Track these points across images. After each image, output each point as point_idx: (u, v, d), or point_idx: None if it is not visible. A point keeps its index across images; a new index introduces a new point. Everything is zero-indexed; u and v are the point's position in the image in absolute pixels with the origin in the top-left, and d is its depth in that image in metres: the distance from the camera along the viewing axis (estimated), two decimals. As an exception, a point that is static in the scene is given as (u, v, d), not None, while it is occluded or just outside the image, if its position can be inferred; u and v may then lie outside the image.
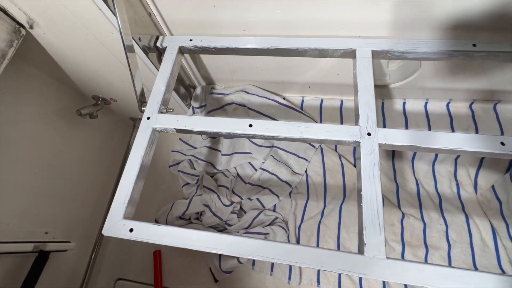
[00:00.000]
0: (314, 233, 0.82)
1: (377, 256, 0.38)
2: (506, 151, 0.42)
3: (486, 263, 0.74)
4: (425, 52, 0.52)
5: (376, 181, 0.42)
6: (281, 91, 0.87)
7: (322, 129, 0.47)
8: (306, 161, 0.91)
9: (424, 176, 0.85)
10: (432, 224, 0.79)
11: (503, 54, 0.50)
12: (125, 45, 0.48)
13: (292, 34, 0.59)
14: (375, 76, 0.72)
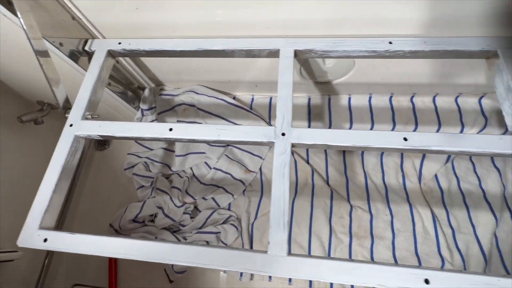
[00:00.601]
0: (267, 229, 0.83)
1: (278, 254, 0.39)
2: (408, 146, 0.44)
3: (427, 250, 0.77)
4: (345, 50, 0.53)
5: (285, 181, 0.43)
6: (231, 90, 0.87)
7: (239, 130, 0.48)
8: (261, 158, 0.92)
9: (373, 168, 0.87)
10: (379, 215, 0.82)
11: (420, 53, 0.52)
12: (35, 50, 0.47)
13: (221, 35, 0.59)
14: (316, 73, 0.74)
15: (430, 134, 0.44)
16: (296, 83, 0.79)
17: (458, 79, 0.73)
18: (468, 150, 0.43)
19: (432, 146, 0.43)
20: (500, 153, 0.42)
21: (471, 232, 0.78)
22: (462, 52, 0.51)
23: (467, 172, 0.84)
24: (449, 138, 0.43)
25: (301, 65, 0.70)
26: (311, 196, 0.86)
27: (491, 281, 0.35)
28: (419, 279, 0.36)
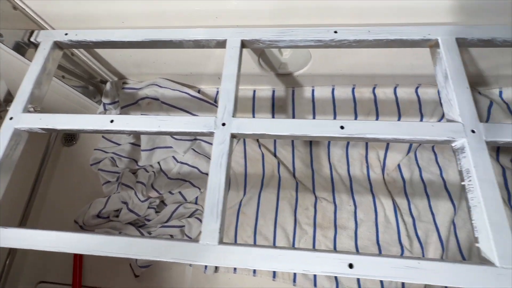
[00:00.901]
0: (233, 222, 0.84)
1: (210, 243, 0.39)
2: (344, 134, 0.44)
3: (388, 239, 0.79)
4: (292, 40, 0.53)
5: (222, 171, 0.43)
6: (195, 83, 0.87)
7: (179, 121, 0.47)
8: (228, 152, 0.92)
9: (338, 160, 0.88)
10: (343, 205, 0.83)
11: (364, 42, 0.52)
12: (-34, 42, 0.46)
13: (170, 26, 0.58)
14: (275, 65, 0.74)
15: (366, 122, 0.44)
16: (258, 75, 0.80)
17: (417, 69, 0.73)
18: (402, 137, 0.43)
19: (367, 134, 0.43)
20: (431, 139, 0.43)
21: (430, 220, 0.79)
22: (405, 41, 0.51)
23: (429, 162, 0.86)
24: (384, 126, 0.44)
25: (258, 56, 0.69)
26: (277, 189, 0.87)
27: (411, 263, 0.36)
28: (343, 264, 0.36)
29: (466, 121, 0.43)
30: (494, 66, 0.69)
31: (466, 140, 0.42)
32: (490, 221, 0.37)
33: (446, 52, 0.48)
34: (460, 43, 0.50)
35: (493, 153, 0.85)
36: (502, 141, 0.41)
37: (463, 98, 0.45)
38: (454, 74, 0.46)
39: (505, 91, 0.77)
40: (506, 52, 0.63)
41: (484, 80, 0.75)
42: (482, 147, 0.41)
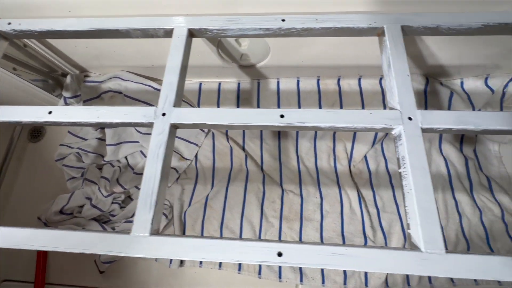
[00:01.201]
0: (200, 216, 0.83)
1: (141, 234, 0.38)
2: (284, 123, 0.43)
3: (353, 230, 0.79)
4: (239, 28, 0.52)
5: (158, 162, 0.42)
6: (159, 75, 0.85)
7: (119, 112, 0.46)
8: (197, 146, 0.91)
9: (306, 153, 0.88)
10: (309, 198, 0.83)
11: (313, 30, 0.51)
12: None
13: (119, 14, 0.56)
14: (235, 56, 0.73)
15: (305, 111, 0.44)
16: (221, 67, 0.79)
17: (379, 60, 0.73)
18: (341, 126, 0.43)
19: (306, 123, 0.43)
20: (370, 127, 0.43)
21: (394, 211, 0.80)
22: (352, 29, 0.51)
23: (395, 153, 0.86)
24: (324, 114, 0.43)
25: (217, 47, 0.68)
26: (245, 182, 0.86)
27: (338, 250, 0.35)
28: (272, 252, 0.36)
29: (404, 108, 0.43)
30: (456, 56, 0.69)
31: (402, 127, 0.42)
32: (419, 207, 0.37)
33: (390, 40, 0.48)
34: (406, 31, 0.50)
35: (457, 143, 0.86)
36: (439, 128, 0.41)
37: (403, 85, 0.44)
38: (396, 62, 0.46)
39: (466, 82, 0.77)
40: (466, 41, 0.63)
41: (446, 70, 0.75)
42: (418, 134, 0.41)
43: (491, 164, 0.84)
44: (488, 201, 0.79)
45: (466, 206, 0.78)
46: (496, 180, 0.81)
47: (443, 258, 0.34)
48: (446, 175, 0.82)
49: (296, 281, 0.75)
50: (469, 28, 0.49)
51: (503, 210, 0.78)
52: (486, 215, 0.78)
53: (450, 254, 0.35)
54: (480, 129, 0.41)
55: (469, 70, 0.75)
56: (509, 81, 0.74)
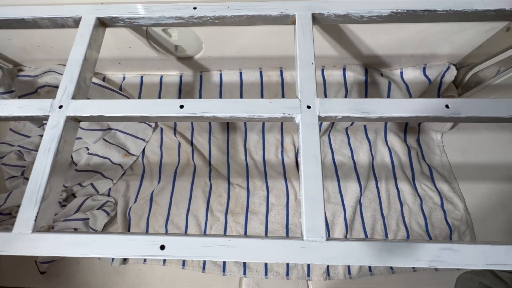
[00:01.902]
0: (145, 212, 0.81)
1: (22, 232, 0.37)
2: (183, 113, 0.42)
3: (297, 222, 0.79)
4: (151, 17, 0.50)
5: (49, 156, 0.41)
6: (99, 69, 0.82)
7: (13, 105, 0.44)
8: (144, 141, 0.89)
9: (254, 146, 0.87)
10: (256, 191, 0.83)
11: (225, 19, 0.50)
12: None
13: (26, 3, 0.53)
14: (169, 47, 0.71)
15: (205, 101, 0.43)
16: (160, 60, 0.76)
17: (323, 51, 0.72)
18: (242, 115, 0.42)
19: (206, 113, 0.42)
20: (269, 116, 0.42)
21: (339, 202, 0.81)
22: (265, 17, 0.50)
23: (341, 144, 0.87)
24: (223, 104, 0.42)
25: (147, 38, 0.66)
26: (192, 176, 0.85)
27: (220, 241, 0.35)
28: (155, 246, 0.35)
29: (304, 97, 0.42)
30: (393, 46, 0.69)
31: (300, 115, 0.41)
32: (306, 195, 0.37)
33: (300, 27, 0.47)
34: (318, 19, 0.49)
35: (401, 134, 0.87)
36: (337, 116, 0.41)
37: (305, 74, 0.44)
38: (302, 50, 0.45)
39: (406, 72, 0.78)
40: (402, 30, 0.63)
41: (385, 61, 0.75)
42: (314, 123, 0.40)
43: (434, 153, 0.85)
44: (429, 189, 0.80)
45: (407, 195, 0.80)
46: (437, 169, 0.83)
47: (323, 246, 0.34)
48: (390, 165, 0.83)
49: (239, 274, 0.74)
50: (380, 16, 0.48)
51: (442, 198, 0.79)
52: (427, 203, 0.79)
53: (330, 242, 0.34)
54: (376, 116, 0.41)
55: (408, 60, 0.75)
56: (445, 70, 0.75)
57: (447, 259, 0.33)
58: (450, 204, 0.79)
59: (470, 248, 0.33)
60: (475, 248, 0.33)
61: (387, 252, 0.34)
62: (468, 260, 0.33)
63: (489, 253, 0.33)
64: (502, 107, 0.40)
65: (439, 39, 0.64)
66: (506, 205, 0.79)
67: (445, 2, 0.47)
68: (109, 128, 0.89)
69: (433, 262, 0.33)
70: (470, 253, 0.33)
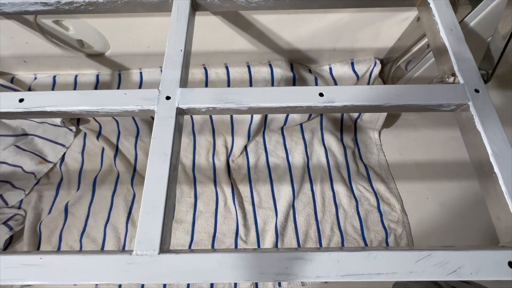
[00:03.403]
0: (59, 225, 0.73)
1: None
2: (21, 108, 0.36)
3: (225, 230, 0.73)
4: (12, 3, 0.44)
5: None
6: (8, 69, 0.75)
7: None
8: (64, 147, 0.81)
9: (184, 149, 0.82)
10: (183, 198, 0.76)
11: (100, 5, 0.45)
12: None
13: None
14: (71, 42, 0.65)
15: (49, 93, 0.37)
16: (67, 57, 0.70)
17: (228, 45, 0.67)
18: (91, 109, 0.36)
19: (47, 107, 0.36)
20: (122, 109, 0.36)
21: (271, 206, 0.75)
22: (143, 4, 0.44)
23: (276, 145, 0.82)
24: (78, 97, 0.37)
25: (42, 32, 0.60)
26: (114, 184, 0.78)
27: (31, 260, 0.28)
28: None
29: (166, 87, 0.37)
30: (314, 40, 0.66)
31: (157, 107, 0.36)
32: (145, 200, 0.31)
33: (175, 13, 0.42)
34: (201, 4, 0.45)
35: (337, 133, 0.83)
36: (200, 107, 0.36)
37: (170, 61, 0.39)
38: (173, 36, 0.40)
39: (334, 67, 0.74)
40: (312, 22, 0.60)
41: (310, 56, 0.72)
42: (170, 116, 0.35)
43: (371, 152, 0.82)
44: (365, 190, 0.76)
45: (343, 198, 0.75)
46: (374, 169, 0.79)
47: (154, 261, 0.28)
48: (326, 166, 0.79)
49: (159, 291, 0.67)
50: (265, 0, 0.44)
51: (379, 199, 0.75)
52: (363, 205, 0.75)
53: (163, 255, 0.29)
54: (244, 106, 0.36)
55: (334, 55, 0.72)
56: (373, 66, 0.73)
57: (297, 270, 0.28)
58: (386, 206, 0.75)
59: (324, 256, 0.28)
60: (329, 256, 0.28)
61: (228, 266, 0.28)
62: (320, 271, 0.28)
63: (344, 261, 0.28)
64: (379, 94, 0.36)
65: (354, 31, 0.61)
66: (444, 204, 0.76)
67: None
68: (24, 133, 0.81)
69: (279, 276, 0.28)
70: (324, 263, 0.28)
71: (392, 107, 0.36)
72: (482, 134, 0.34)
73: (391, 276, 0.27)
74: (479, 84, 0.36)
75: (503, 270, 0.27)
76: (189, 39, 0.41)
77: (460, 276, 0.28)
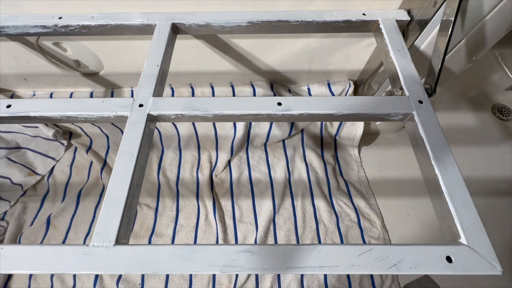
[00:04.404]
0: (39, 237, 0.73)
1: None
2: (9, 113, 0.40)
3: (207, 243, 0.73)
4: (16, 26, 0.51)
5: None
6: (9, 86, 0.81)
7: None
8: (54, 160, 0.84)
9: (170, 163, 0.84)
10: (165, 211, 0.77)
11: (90, 28, 0.51)
12: None
13: None
14: (67, 62, 0.71)
15: (34, 100, 0.41)
16: (64, 76, 0.76)
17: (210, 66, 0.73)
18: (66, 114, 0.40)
19: (31, 112, 0.40)
20: (98, 116, 0.40)
21: (252, 221, 0.76)
22: (129, 27, 0.51)
23: (259, 161, 0.84)
24: (58, 104, 0.41)
25: (42, 53, 0.66)
26: (98, 196, 0.79)
27: None
28: None
29: (140, 96, 0.41)
30: (289, 62, 0.71)
31: (130, 113, 0.39)
32: (108, 195, 0.33)
33: (156, 35, 0.48)
34: (181, 28, 0.51)
35: (318, 149, 0.86)
36: (169, 114, 0.39)
37: (147, 73, 0.43)
38: (153, 53, 0.46)
39: (312, 88, 0.80)
40: (286, 46, 0.66)
41: (288, 77, 0.77)
42: (141, 121, 0.38)
43: (351, 168, 0.84)
44: (346, 206, 0.77)
45: (324, 213, 0.76)
46: (354, 185, 0.81)
47: (109, 252, 0.30)
48: (307, 181, 0.80)
49: None
50: (239, 26, 0.50)
51: (359, 214, 0.76)
52: (343, 220, 0.75)
53: (118, 247, 0.30)
54: (209, 114, 0.39)
55: (311, 76, 0.77)
56: (348, 87, 0.78)
57: (243, 263, 0.29)
58: (367, 221, 0.75)
59: (271, 250, 0.29)
60: (275, 249, 0.29)
61: (179, 258, 0.29)
62: (266, 263, 0.29)
63: (289, 254, 0.29)
64: (332, 104, 0.39)
65: (325, 55, 0.67)
66: (424, 221, 0.76)
67: (297, 14, 0.50)
68: (18, 147, 0.84)
69: (226, 268, 0.29)
70: (269, 256, 0.29)
71: (344, 116, 0.39)
72: (425, 140, 0.36)
73: (333, 269, 0.29)
74: (422, 96, 0.40)
75: (441, 264, 0.28)
76: (166, 57, 0.46)
77: (400, 270, 0.29)
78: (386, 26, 0.48)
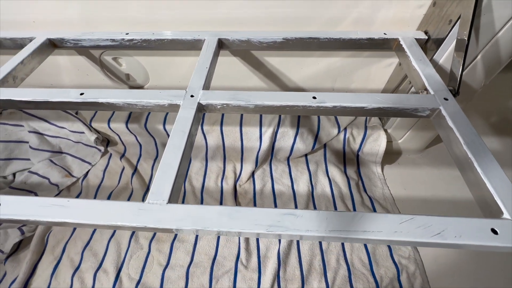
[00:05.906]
0: (66, 236, 0.75)
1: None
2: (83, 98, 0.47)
3: (227, 253, 0.72)
4: (90, 39, 0.61)
5: None
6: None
7: None
8: (90, 164, 0.90)
9: (196, 172, 0.87)
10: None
11: (151, 42, 0.61)
12: None
13: None
14: (120, 76, 0.81)
15: (102, 91, 0.48)
16: (113, 88, 0.86)
17: (246, 82, 0.82)
18: (131, 101, 0.46)
19: (100, 99, 0.46)
20: (155, 103, 0.46)
21: (275, 232, 0.74)
22: (182, 42, 0.60)
23: (282, 174, 0.86)
24: (123, 93, 0.47)
25: (101, 66, 0.77)
26: (127, 200, 0.82)
27: (59, 202, 0.33)
28: None
29: (192, 89, 0.47)
30: (314, 79, 0.77)
31: (182, 102, 0.45)
32: (163, 163, 0.37)
33: (205, 48, 0.56)
34: (225, 43, 0.60)
35: (341, 165, 0.87)
36: (217, 104, 0.45)
37: (198, 74, 0.50)
38: (202, 60, 0.53)
39: (335, 106, 0.85)
40: (314, 64, 0.73)
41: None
42: (192, 107, 0.44)
43: (375, 185, 0.83)
44: (372, 222, 0.75)
45: (349, 228, 0.73)
46: (379, 201, 0.79)
47: (162, 209, 0.32)
48: (330, 195, 0.80)
49: None
50: (275, 42, 0.58)
51: (386, 232, 0.73)
52: (370, 237, 0.72)
53: (170, 205, 0.33)
54: (251, 104, 0.44)
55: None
56: (370, 105, 0.82)
57: (287, 224, 0.30)
58: (395, 240, 0.72)
59: (313, 214, 0.31)
60: (318, 214, 0.31)
61: (226, 216, 0.31)
62: (310, 226, 0.30)
63: (332, 219, 0.30)
64: (363, 99, 0.43)
65: (348, 74, 0.73)
66: (458, 243, 0.71)
67: (326, 32, 0.58)
68: (60, 151, 0.92)
69: (271, 227, 0.30)
70: (313, 219, 0.30)
71: (374, 110, 0.43)
72: (454, 130, 0.39)
73: (376, 234, 0.29)
74: (447, 94, 0.43)
75: (486, 235, 0.29)
76: (213, 64, 0.54)
77: (444, 239, 0.29)
78: (406, 42, 0.55)
